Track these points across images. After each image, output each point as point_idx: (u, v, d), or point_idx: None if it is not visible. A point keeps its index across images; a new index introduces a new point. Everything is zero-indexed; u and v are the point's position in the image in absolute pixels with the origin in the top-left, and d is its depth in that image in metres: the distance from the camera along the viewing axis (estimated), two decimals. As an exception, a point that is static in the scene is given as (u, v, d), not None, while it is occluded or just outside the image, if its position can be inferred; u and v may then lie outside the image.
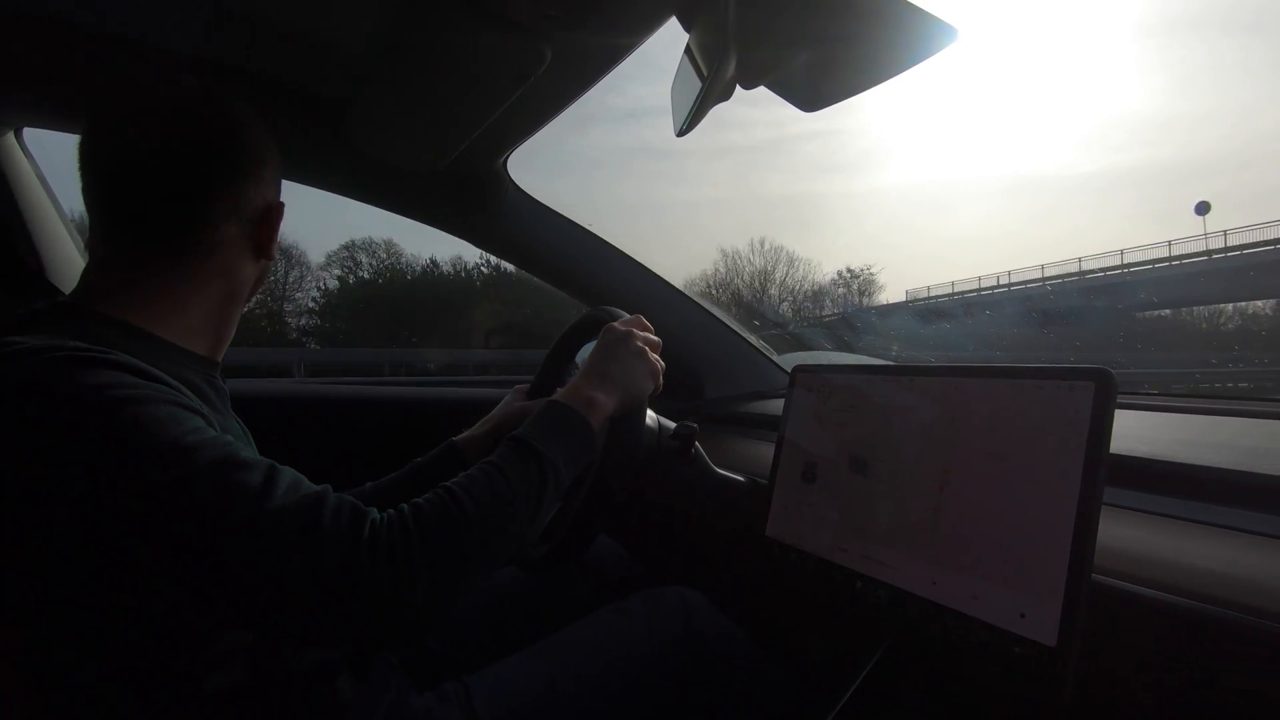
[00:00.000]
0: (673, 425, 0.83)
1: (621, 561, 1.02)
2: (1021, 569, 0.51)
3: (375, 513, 0.52)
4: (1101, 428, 0.49)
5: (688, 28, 0.68)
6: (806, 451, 0.74)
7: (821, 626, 0.84)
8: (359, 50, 0.85)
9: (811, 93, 0.68)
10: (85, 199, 0.63)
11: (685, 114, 0.70)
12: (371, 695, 0.65)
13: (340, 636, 0.51)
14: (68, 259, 1.22)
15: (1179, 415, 0.86)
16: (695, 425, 0.83)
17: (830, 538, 0.68)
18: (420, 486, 0.90)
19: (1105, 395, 0.50)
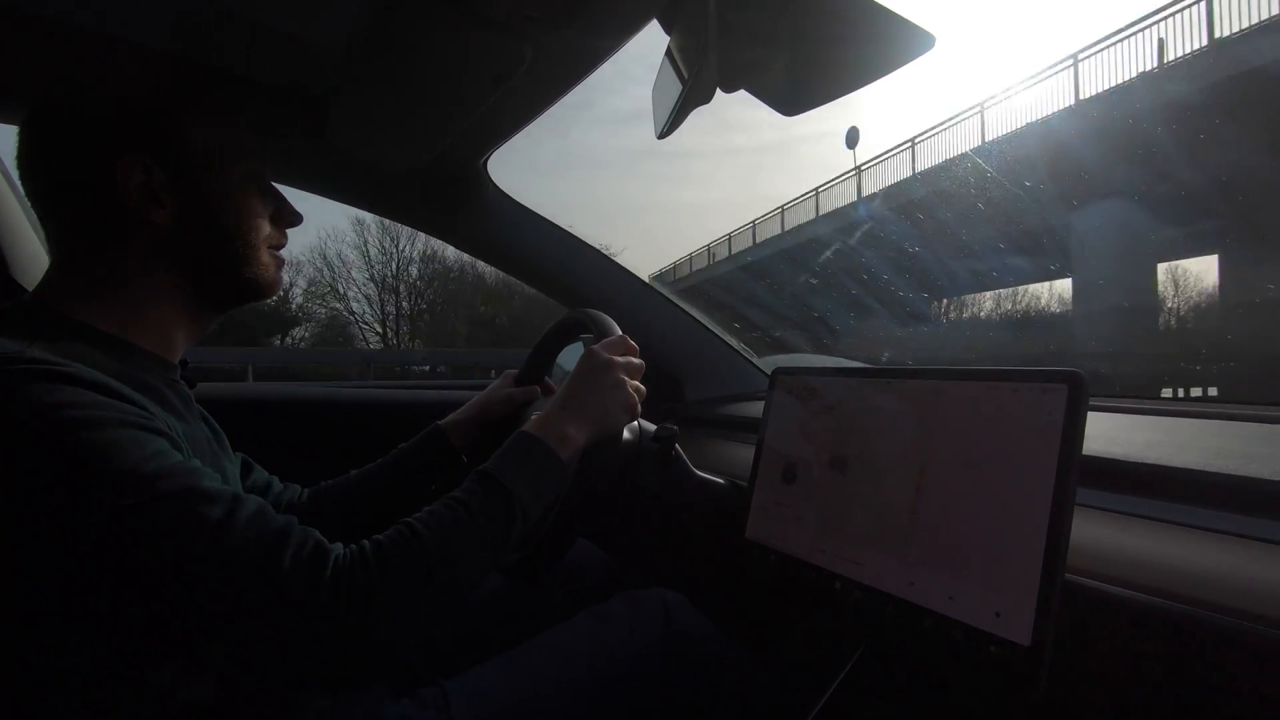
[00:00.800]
0: (653, 427, 0.83)
1: (602, 564, 1.01)
2: (996, 569, 0.51)
3: (340, 548, 0.51)
4: (1074, 429, 0.50)
5: (669, 30, 0.68)
6: (786, 453, 0.75)
7: (801, 627, 0.84)
8: (338, 48, 0.84)
9: (790, 96, 0.69)
10: None
11: (666, 116, 0.71)
12: (348, 703, 0.64)
13: (299, 672, 0.50)
14: (33, 256, 1.19)
15: (1149, 417, 0.87)
16: (675, 427, 0.83)
17: (809, 539, 0.68)
18: (405, 472, 0.91)
19: (1078, 397, 0.50)
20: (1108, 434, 0.76)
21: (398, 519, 0.90)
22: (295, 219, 0.72)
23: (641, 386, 0.76)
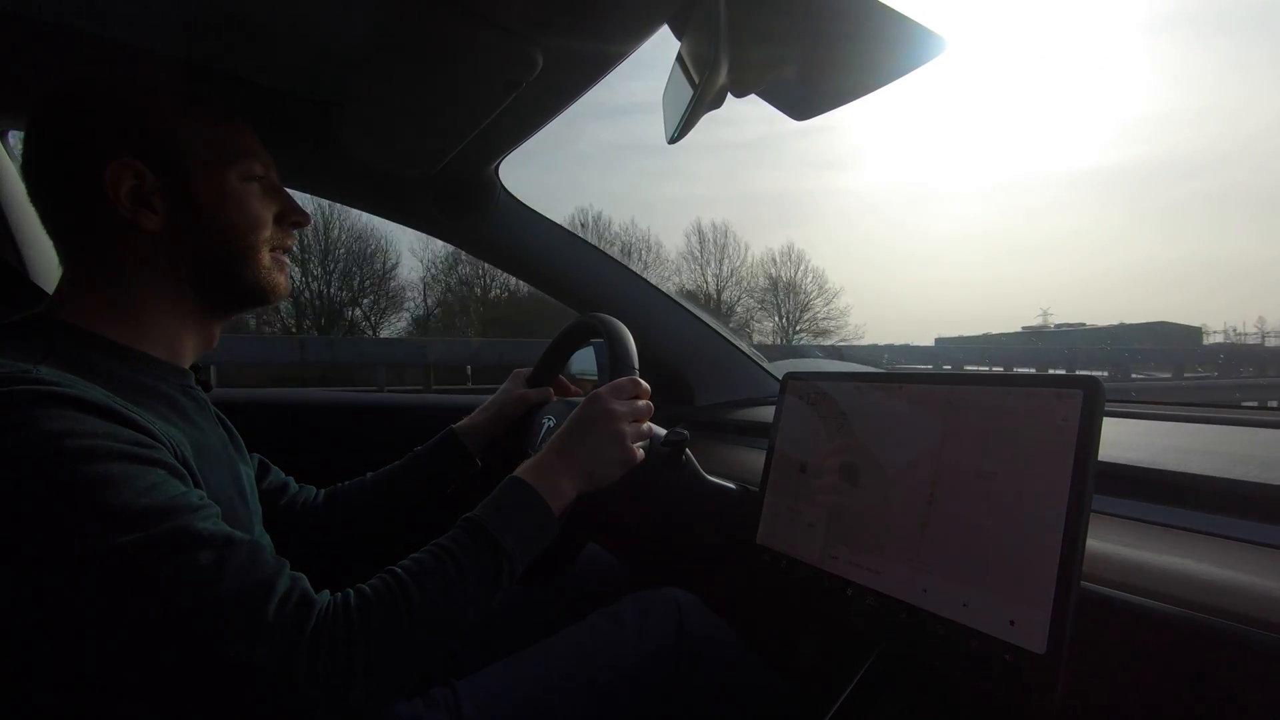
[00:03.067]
0: (663, 432, 0.83)
1: (612, 567, 1.01)
2: (1011, 576, 0.51)
3: (325, 597, 0.51)
4: (1090, 435, 0.49)
5: (679, 35, 0.68)
6: (797, 459, 0.74)
7: (813, 633, 0.83)
8: (350, 54, 0.85)
9: (802, 101, 0.69)
10: None
11: (677, 121, 0.71)
12: None
13: None
14: (53, 261, 1.21)
15: (1166, 423, 0.86)
16: (686, 432, 0.82)
17: (820, 545, 0.68)
18: (420, 475, 0.92)
19: (1093, 403, 0.50)
20: (1124, 440, 0.75)
21: (411, 523, 0.90)
22: (302, 219, 0.70)
23: (645, 427, 0.75)
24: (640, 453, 0.73)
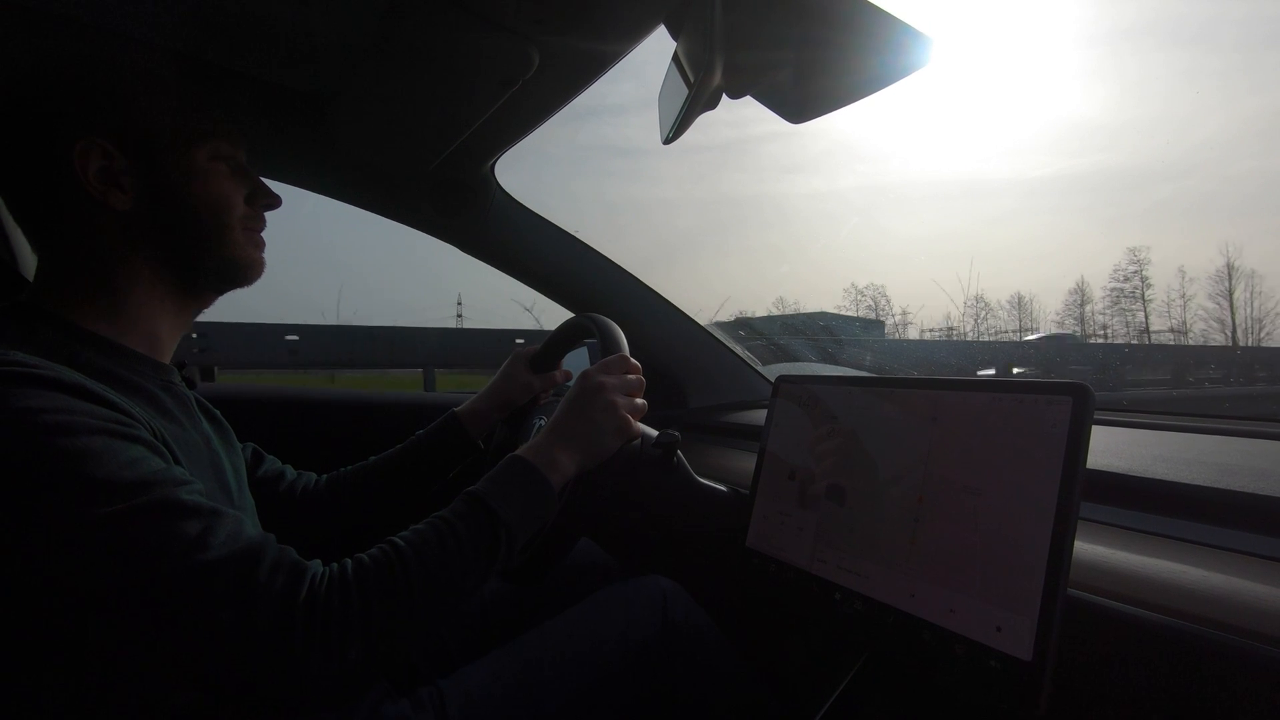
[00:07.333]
0: (655, 433, 0.83)
1: (604, 564, 1.01)
2: (998, 583, 0.51)
3: (318, 566, 0.51)
4: (1078, 442, 0.49)
5: (675, 35, 0.68)
6: (788, 462, 0.74)
7: (801, 636, 0.83)
8: (346, 49, 0.85)
9: (798, 104, 0.69)
10: None
11: (672, 122, 0.70)
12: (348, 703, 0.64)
13: (265, 695, 0.48)
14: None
15: (1155, 432, 0.87)
16: (677, 434, 0.82)
17: (809, 549, 0.68)
18: (421, 459, 0.92)
19: (1082, 410, 0.50)
20: (1113, 448, 0.75)
21: (413, 506, 0.90)
22: (273, 201, 0.70)
23: (640, 402, 0.75)
24: (637, 426, 0.73)
